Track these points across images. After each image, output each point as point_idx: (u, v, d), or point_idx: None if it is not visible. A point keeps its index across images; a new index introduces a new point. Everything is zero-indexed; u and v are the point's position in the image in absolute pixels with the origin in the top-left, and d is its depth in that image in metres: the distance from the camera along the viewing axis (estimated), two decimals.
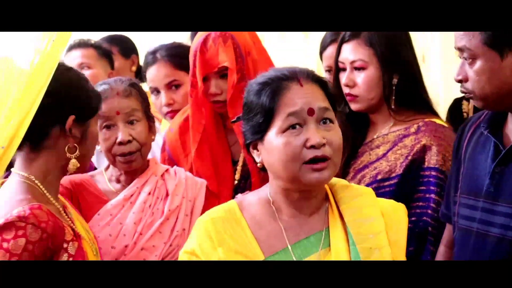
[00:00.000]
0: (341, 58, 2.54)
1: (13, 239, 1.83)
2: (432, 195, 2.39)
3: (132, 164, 2.39)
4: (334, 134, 1.77)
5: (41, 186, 2.02)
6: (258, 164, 1.83)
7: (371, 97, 2.51)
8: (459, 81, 2.07)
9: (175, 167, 2.55)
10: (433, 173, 2.40)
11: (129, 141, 2.35)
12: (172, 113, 2.99)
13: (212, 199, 2.48)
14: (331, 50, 3.00)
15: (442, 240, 2.33)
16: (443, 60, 3.85)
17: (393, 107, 2.52)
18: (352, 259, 1.77)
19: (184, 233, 2.38)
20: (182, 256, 1.83)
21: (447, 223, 2.30)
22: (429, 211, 2.37)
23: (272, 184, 1.84)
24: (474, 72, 2.03)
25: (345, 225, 1.81)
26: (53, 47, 1.96)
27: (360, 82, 2.49)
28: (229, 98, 2.56)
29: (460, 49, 2.05)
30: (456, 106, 2.99)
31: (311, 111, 1.74)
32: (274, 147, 1.74)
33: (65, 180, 2.34)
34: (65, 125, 2.02)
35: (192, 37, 3.69)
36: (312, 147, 1.72)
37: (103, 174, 2.47)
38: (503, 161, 2.02)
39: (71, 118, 2.02)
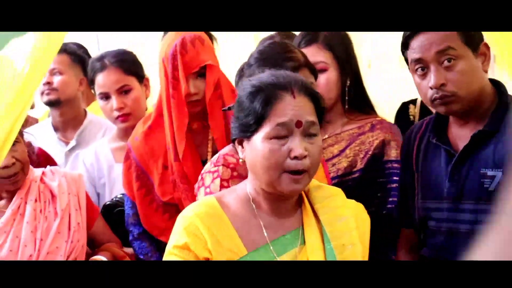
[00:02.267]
0: None
1: (212, 182, 2.13)
2: (394, 185, 2.54)
3: (18, 183, 2.45)
4: (316, 147, 1.86)
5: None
6: (241, 161, 1.92)
7: (329, 98, 2.62)
8: (440, 86, 2.08)
9: (49, 167, 2.60)
10: (394, 165, 2.56)
11: (13, 164, 2.40)
12: (123, 117, 3.04)
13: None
14: None
15: (401, 247, 2.43)
16: (388, 66, 4.02)
17: (346, 107, 2.66)
18: (327, 255, 1.89)
19: (79, 227, 2.47)
20: (173, 251, 1.86)
21: (402, 229, 2.43)
22: (393, 199, 2.51)
23: (252, 183, 1.92)
24: (458, 73, 2.06)
25: (319, 223, 1.93)
26: (45, 51, 2.02)
27: (321, 84, 2.58)
28: (208, 97, 2.61)
29: (423, 59, 2.08)
30: (403, 109, 3.15)
31: (299, 124, 1.81)
32: (259, 151, 1.83)
33: None
34: None
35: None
36: (295, 158, 1.82)
37: None
38: (458, 163, 2.16)
39: None
